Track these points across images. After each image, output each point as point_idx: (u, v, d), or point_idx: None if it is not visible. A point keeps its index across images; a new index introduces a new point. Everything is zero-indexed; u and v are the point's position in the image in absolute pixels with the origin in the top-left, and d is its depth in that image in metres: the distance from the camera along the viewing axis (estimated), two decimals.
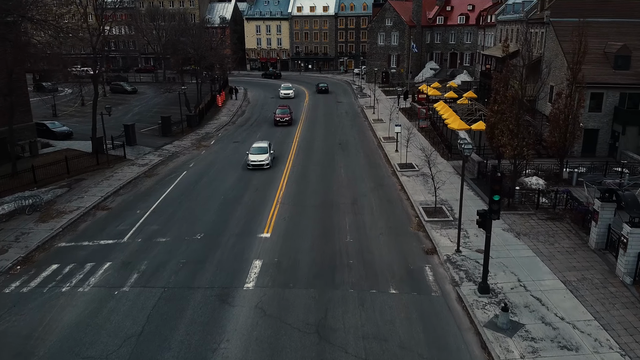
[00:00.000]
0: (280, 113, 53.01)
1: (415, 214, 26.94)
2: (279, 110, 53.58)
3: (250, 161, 35.32)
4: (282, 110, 53.48)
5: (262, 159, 35.50)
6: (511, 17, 54.11)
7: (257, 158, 35.48)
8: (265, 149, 36.54)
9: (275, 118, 52.66)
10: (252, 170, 35.36)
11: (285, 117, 52.42)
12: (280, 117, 52.41)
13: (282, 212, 27.23)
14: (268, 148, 36.80)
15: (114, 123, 51.23)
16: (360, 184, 32.11)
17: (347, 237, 23.86)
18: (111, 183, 32.84)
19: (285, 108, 54.44)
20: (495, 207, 17.52)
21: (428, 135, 44.44)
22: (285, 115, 52.68)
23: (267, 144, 37.69)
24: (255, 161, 35.31)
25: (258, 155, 35.69)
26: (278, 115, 52.62)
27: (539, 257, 21.97)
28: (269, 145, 37.45)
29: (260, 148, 36.73)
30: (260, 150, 36.39)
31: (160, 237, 24.32)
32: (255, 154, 35.92)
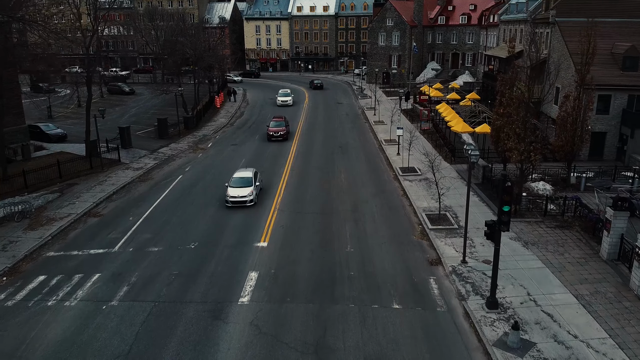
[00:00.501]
0: (275, 126, 45.79)
1: (418, 221, 25.93)
2: (272, 123, 46.51)
3: (229, 197, 27.73)
4: (277, 123, 46.29)
5: (243, 194, 27.68)
6: (515, 17, 53.09)
7: (237, 193, 27.72)
8: (249, 181, 28.68)
9: (268, 132, 45.17)
10: None
11: (280, 131, 44.93)
12: (274, 132, 44.93)
13: (280, 219, 26.22)
14: (253, 179, 28.93)
15: (110, 125, 50.33)
16: (361, 190, 31.10)
17: (348, 247, 22.85)
18: (104, 188, 31.85)
19: (280, 120, 47.19)
20: (505, 219, 16.51)
21: (430, 138, 43.41)
22: (280, 128, 45.21)
23: (252, 172, 29.74)
24: (235, 197, 27.61)
25: (239, 189, 27.98)
26: (272, 129, 45.29)
27: (549, 268, 20.97)
28: (255, 175, 29.63)
29: (242, 179, 28.86)
30: (242, 182, 28.61)
31: (152, 247, 23.32)
32: (236, 187, 28.23)
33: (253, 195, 28.18)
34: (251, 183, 28.73)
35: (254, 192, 28.36)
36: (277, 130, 45.05)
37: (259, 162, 37.35)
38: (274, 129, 45.28)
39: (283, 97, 66.00)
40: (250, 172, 29.87)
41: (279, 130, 44.93)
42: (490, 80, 57.43)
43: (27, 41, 36.21)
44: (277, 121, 46.99)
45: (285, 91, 68.06)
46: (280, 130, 45.03)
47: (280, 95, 66.72)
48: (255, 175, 29.93)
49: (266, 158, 38.79)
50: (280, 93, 67.39)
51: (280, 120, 47.06)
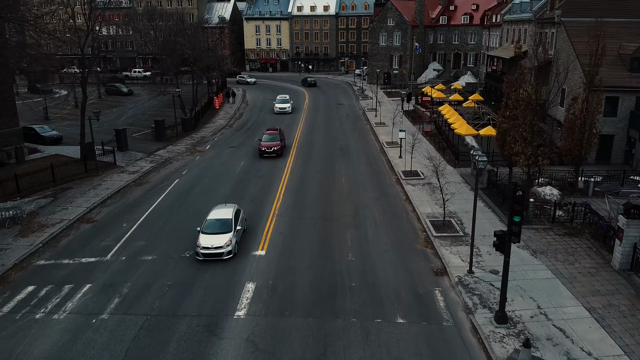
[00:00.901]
0: (268, 140, 38.84)
1: (422, 228, 25.05)
2: (265, 137, 39.46)
3: (200, 247, 21.27)
4: (270, 137, 39.39)
5: (218, 245, 21.14)
6: (518, 17, 52.22)
7: (211, 242, 21.21)
8: (228, 224, 22.13)
9: (259, 148, 38.46)
10: (247, 180, 33.35)
11: (273, 146, 38.25)
12: (267, 147, 38.13)
13: (278, 225, 25.34)
14: (232, 221, 22.27)
15: (107, 127, 49.44)
16: (362, 194, 30.23)
17: (349, 255, 21.98)
18: (98, 192, 30.99)
19: (274, 133, 40.28)
20: (516, 229, 15.64)
21: (433, 140, 42.53)
22: (274, 143, 38.50)
23: (233, 211, 23.03)
24: (208, 248, 21.17)
25: (213, 237, 21.46)
26: (264, 144, 38.38)
27: (559, 279, 20.08)
28: (236, 215, 23.02)
29: (218, 223, 22.20)
30: (218, 227, 21.98)
31: (146, 255, 22.45)
32: (210, 233, 21.69)
33: (232, 244, 21.48)
34: (229, 227, 21.99)
35: (234, 240, 21.73)
36: (271, 145, 38.38)
37: (257, 165, 36.51)
38: (266, 143, 38.61)
39: (281, 104, 59.70)
40: (230, 211, 23.10)
41: (272, 146, 38.32)
42: (494, 81, 56.59)
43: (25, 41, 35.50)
44: (271, 134, 40.15)
45: (283, 97, 61.69)
46: (274, 145, 38.43)
47: (278, 102, 60.43)
48: (237, 215, 23.22)
49: (265, 161, 37.91)
50: (278, 99, 61.22)
51: (274, 134, 40.26)
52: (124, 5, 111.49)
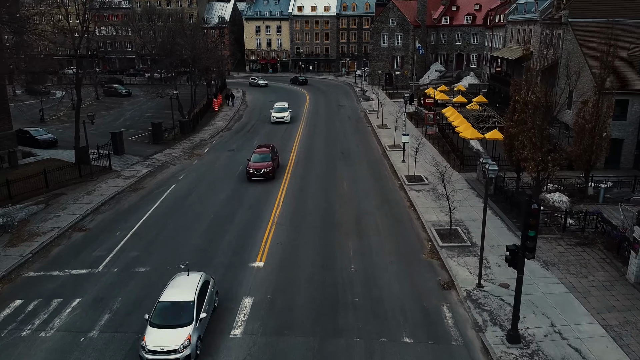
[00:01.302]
0: (258, 160, 32.86)
1: (427, 237, 24.05)
2: (255, 156, 33.39)
3: (145, 349, 14.90)
4: (261, 156, 33.30)
5: (171, 347, 14.81)
6: (523, 17, 51.21)
7: (159, 342, 14.92)
8: (188, 309, 15.72)
9: (247, 170, 32.40)
10: (246, 185, 32.35)
11: (264, 167, 32.05)
12: (256, 169, 31.98)
13: (278, 234, 24.35)
14: (194, 306, 15.82)
15: (104, 129, 48.55)
16: (364, 200, 29.24)
17: (351, 267, 20.99)
18: (92, 199, 30.01)
19: (265, 152, 33.91)
20: (531, 245, 14.64)
21: (436, 143, 41.52)
22: (264, 164, 32.34)
23: (197, 286, 16.58)
24: (156, 352, 14.81)
25: (164, 332, 15.17)
26: (253, 165, 32.35)
27: (573, 293, 19.09)
28: (201, 292, 16.48)
29: (173, 309, 15.84)
30: (172, 316, 15.65)
31: (139, 267, 21.48)
32: (159, 326, 15.43)
33: (191, 345, 14.83)
34: (190, 316, 15.41)
35: (194, 338, 15.04)
36: (260, 166, 31.99)
37: None
38: (256, 164, 32.27)
39: (278, 113, 53.20)
40: (192, 287, 16.42)
41: (262, 167, 31.90)
42: (498, 83, 55.61)
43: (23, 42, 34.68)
44: (262, 152, 33.82)
45: (281, 105, 54.90)
46: (264, 166, 32.07)
47: (275, 111, 53.78)
48: (202, 294, 16.46)
49: None
50: (276, 107, 54.43)
51: (265, 152, 33.79)
52: (123, 5, 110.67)
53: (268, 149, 34.77)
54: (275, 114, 53.66)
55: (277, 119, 52.92)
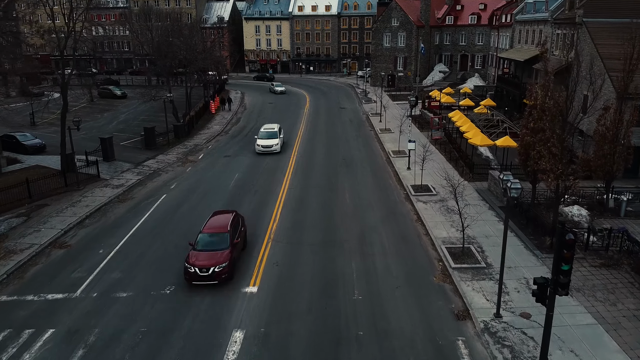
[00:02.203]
0: (205, 247, 20.01)
1: (438, 257, 22.02)
2: (201, 239, 20.47)
3: None
4: (210, 240, 20.31)
5: None
6: (532, 17, 49.16)
7: None
8: None
9: (186, 264, 19.49)
10: (241, 197, 30.28)
11: (212, 265, 19.14)
12: (200, 267, 19.14)
13: (273, 254, 22.32)
14: None
15: (96, 133, 46.66)
16: (368, 213, 27.21)
17: (355, 293, 18.97)
18: (76, 211, 28.02)
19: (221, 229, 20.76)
20: (564, 280, 12.64)
21: (443, 149, 39.47)
22: (215, 256, 19.47)
23: None
24: None
25: None
26: (195, 259, 19.51)
27: (602, 325, 17.06)
28: None
29: None
30: None
31: (120, 291, 19.48)
32: None
33: None
34: None
35: None
36: (208, 264, 19.16)
37: (252, 179, 33.51)
38: (202, 255, 19.59)
39: (265, 141, 39.92)
40: None
41: (210, 264, 19.12)
42: (505, 85, 53.58)
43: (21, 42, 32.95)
44: (214, 230, 20.70)
45: (269, 129, 41.80)
46: (212, 263, 19.17)
47: (261, 137, 40.55)
48: None
49: (260, 173, 34.92)
50: (263, 132, 41.36)
51: (221, 230, 20.66)
52: (120, 5, 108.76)
53: (226, 225, 20.57)
54: (262, 141, 40.11)
55: (263, 148, 39.59)
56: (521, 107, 47.63)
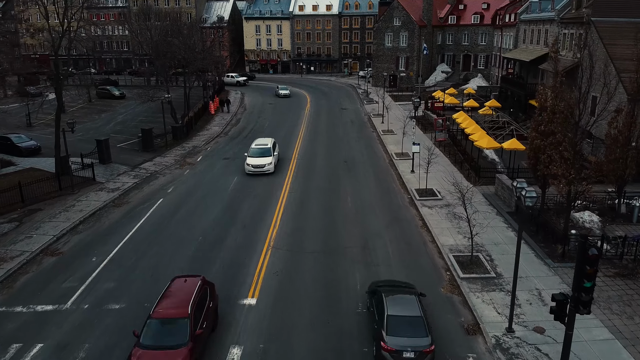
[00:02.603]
0: (152, 346, 13.84)
1: (445, 266, 21.11)
2: (148, 335, 14.22)
3: None
4: (157, 332, 14.22)
5: None
6: (537, 17, 48.23)
7: None
8: None
9: None
10: (240, 202, 29.38)
11: None
12: None
13: (273, 262, 21.40)
14: None
15: (93, 134, 45.81)
16: (371, 218, 26.30)
17: (359, 306, 18.06)
18: (70, 216, 27.12)
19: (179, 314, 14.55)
20: (586, 298, 11.72)
21: (447, 152, 38.55)
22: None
23: None
24: None
25: None
26: None
27: (619, 340, 16.17)
28: None
29: None
30: None
31: (113, 303, 18.58)
32: None
33: None
34: None
35: None
36: None
37: (251, 182, 32.59)
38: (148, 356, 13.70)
39: (257, 160, 33.51)
40: None
41: None
42: (510, 86, 52.64)
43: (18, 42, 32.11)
44: (166, 315, 14.71)
45: (262, 145, 35.00)
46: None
47: (252, 155, 34.01)
48: None
49: (260, 176, 34.01)
50: (254, 149, 34.56)
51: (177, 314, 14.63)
52: (120, 4, 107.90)
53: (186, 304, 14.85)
54: (252, 160, 33.41)
55: (254, 168, 33.11)
56: (527, 108, 46.75)
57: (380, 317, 14.75)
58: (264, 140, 36.70)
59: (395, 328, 14.24)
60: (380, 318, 14.73)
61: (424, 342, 14.06)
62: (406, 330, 14.20)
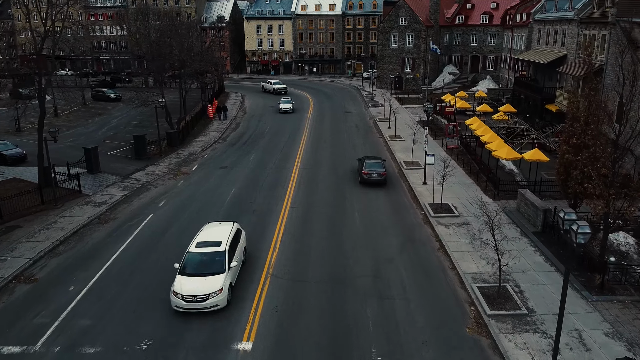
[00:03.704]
0: None
1: (469, 299, 18.54)
2: None
3: None
4: None
5: None
6: (554, 16, 45.63)
7: None
8: None
9: None
10: (236, 218, 26.92)
11: None
12: None
13: (272, 294, 18.82)
14: None
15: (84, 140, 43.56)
16: (382, 239, 23.75)
17: (372, 352, 15.50)
18: (50, 235, 24.64)
19: None
20: None
21: (461, 161, 35.97)
22: None
23: None
24: None
25: None
26: None
27: None
28: None
29: None
30: None
31: (87, 345, 16.06)
32: None
33: None
34: None
35: None
36: None
37: (250, 194, 30.09)
38: None
39: (191, 283, 17.52)
40: None
41: None
42: (524, 89, 50.08)
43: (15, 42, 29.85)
44: None
45: (208, 243, 19.32)
46: None
47: (187, 265, 18.43)
48: None
49: (259, 188, 31.52)
50: (190, 257, 18.79)
51: None
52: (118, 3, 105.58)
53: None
54: (183, 282, 17.73)
55: (186, 303, 17.30)
56: (543, 113, 44.18)
57: (361, 164, 32.01)
58: (215, 231, 20.39)
59: (369, 166, 31.26)
60: (361, 164, 31.99)
61: (382, 171, 31.31)
62: (373, 167, 31.32)
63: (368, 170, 30.83)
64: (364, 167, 31.05)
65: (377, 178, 30.96)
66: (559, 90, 41.17)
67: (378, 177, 30.97)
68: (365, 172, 30.90)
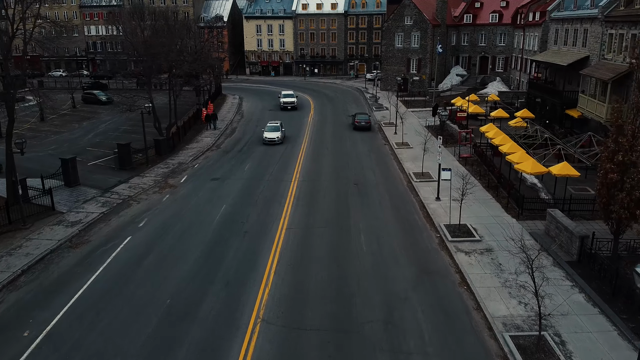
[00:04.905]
0: None
1: (501, 353, 15.27)
2: None
3: None
4: None
5: None
6: (573, 14, 42.33)
7: None
8: None
9: None
10: (225, 242, 23.70)
11: None
12: None
13: (262, 348, 15.60)
14: None
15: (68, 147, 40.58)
16: (393, 271, 20.48)
17: None
18: (12, 262, 21.48)
19: None
20: None
21: (477, 172, 32.67)
22: None
23: None
24: None
25: None
26: None
27: None
28: None
29: None
30: None
31: None
32: None
33: None
34: None
35: None
36: None
37: (242, 211, 26.88)
38: None
39: None
40: None
41: None
42: (540, 92, 46.78)
43: None
44: None
45: None
46: None
47: None
48: None
49: (254, 204, 28.33)
50: None
51: None
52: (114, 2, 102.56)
53: None
54: None
55: None
56: (563, 119, 40.90)
57: (353, 117, 49.76)
58: None
59: (359, 118, 48.83)
60: (353, 118, 49.72)
61: (368, 119, 49.09)
62: (362, 117, 49.11)
63: (359, 119, 47.99)
64: (356, 118, 48.27)
65: (364, 125, 47.83)
66: (581, 94, 37.85)
67: (365, 124, 47.97)
68: (356, 122, 48.04)
